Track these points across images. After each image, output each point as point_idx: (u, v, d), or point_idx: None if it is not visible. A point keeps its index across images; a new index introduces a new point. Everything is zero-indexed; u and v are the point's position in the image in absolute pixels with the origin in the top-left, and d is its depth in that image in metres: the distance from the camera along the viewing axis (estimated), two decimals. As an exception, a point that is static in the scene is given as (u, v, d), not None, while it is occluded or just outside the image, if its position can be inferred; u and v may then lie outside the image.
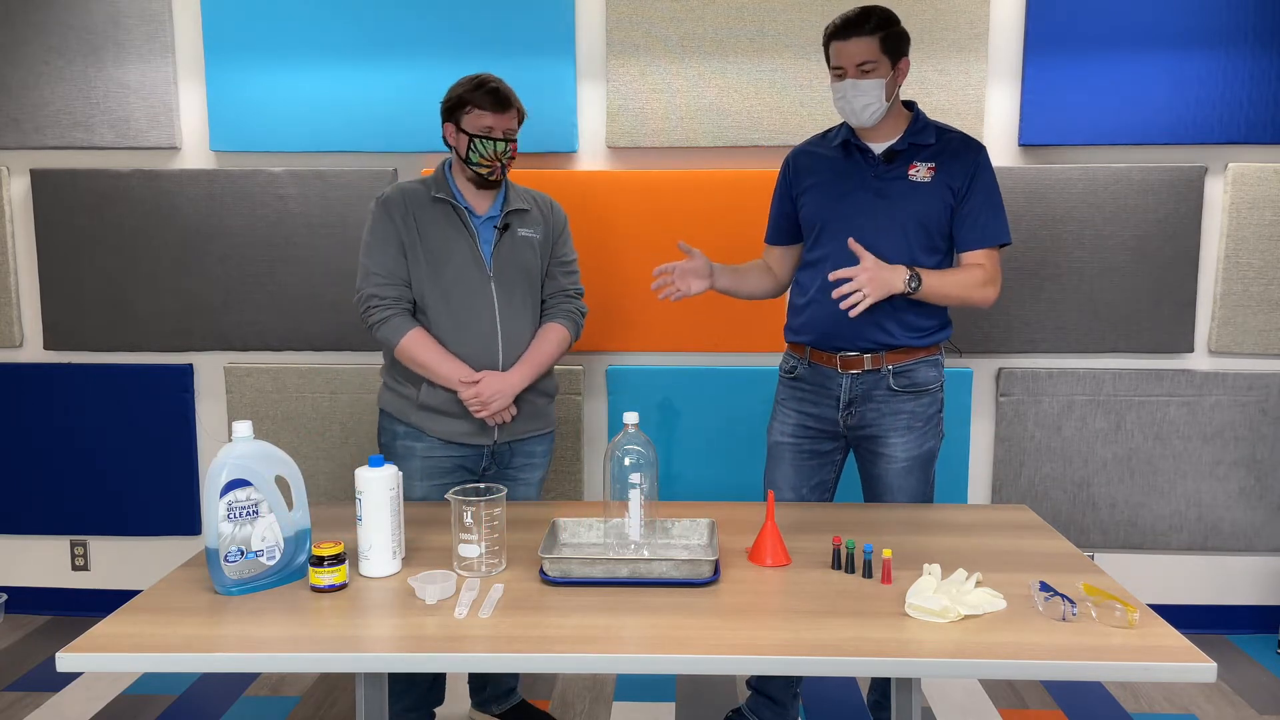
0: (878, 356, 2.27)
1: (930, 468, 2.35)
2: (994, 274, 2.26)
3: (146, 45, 3.10)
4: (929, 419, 2.33)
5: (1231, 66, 2.96)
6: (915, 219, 2.23)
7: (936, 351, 2.34)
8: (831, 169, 2.31)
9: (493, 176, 2.31)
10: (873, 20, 2.17)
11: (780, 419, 2.43)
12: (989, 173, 2.25)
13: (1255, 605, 3.22)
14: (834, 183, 2.31)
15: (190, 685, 2.86)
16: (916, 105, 2.32)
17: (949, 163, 2.23)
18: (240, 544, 1.69)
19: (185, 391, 3.25)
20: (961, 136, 2.28)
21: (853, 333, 2.26)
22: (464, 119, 2.28)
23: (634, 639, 1.53)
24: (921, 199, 2.22)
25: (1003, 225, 2.27)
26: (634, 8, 3.00)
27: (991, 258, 2.26)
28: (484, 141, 2.27)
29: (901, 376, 2.29)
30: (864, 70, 2.17)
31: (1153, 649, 1.48)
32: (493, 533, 1.76)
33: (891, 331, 2.26)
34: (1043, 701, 2.76)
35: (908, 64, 2.24)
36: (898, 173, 2.24)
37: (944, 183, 2.22)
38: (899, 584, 1.69)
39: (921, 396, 2.31)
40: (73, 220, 3.16)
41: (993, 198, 2.25)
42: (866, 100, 2.18)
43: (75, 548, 3.37)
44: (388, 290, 2.29)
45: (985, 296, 2.25)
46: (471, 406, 2.28)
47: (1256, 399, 3.09)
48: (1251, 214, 3.03)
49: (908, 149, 2.25)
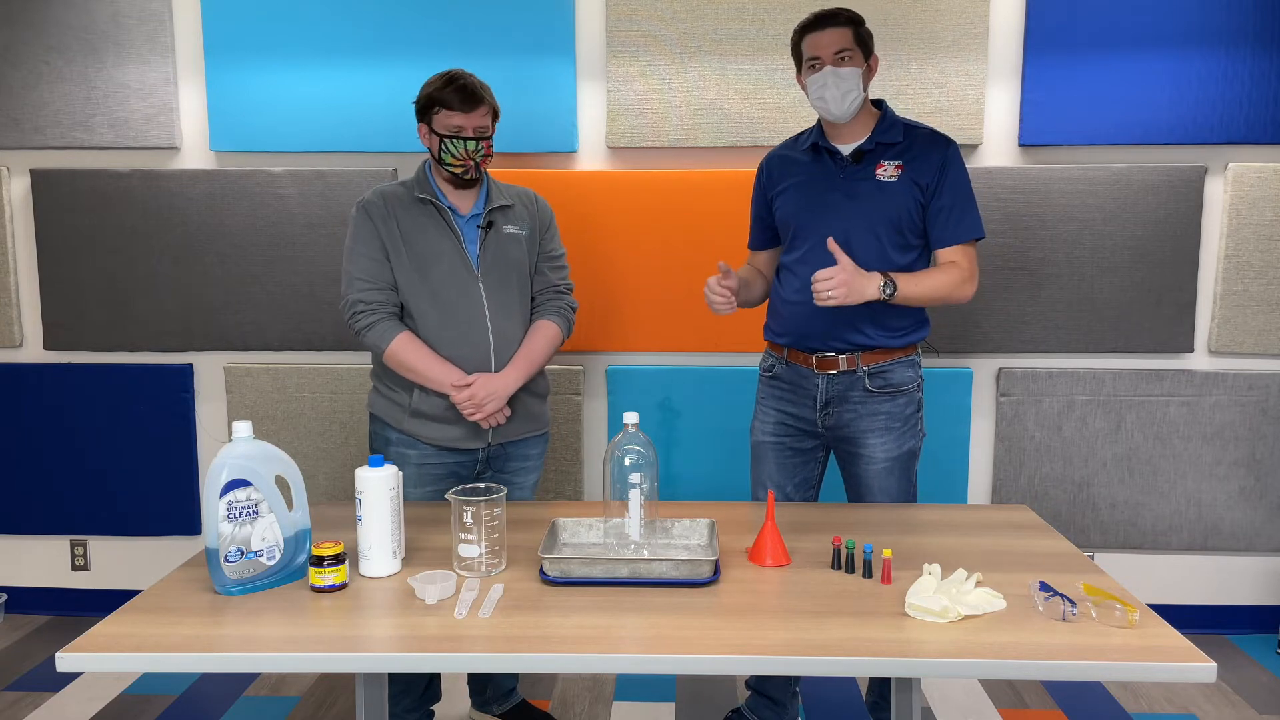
0: (853, 357, 2.28)
1: (911, 468, 2.35)
2: (970, 270, 2.24)
3: (146, 45, 3.10)
4: (907, 419, 2.32)
5: (1231, 66, 2.96)
6: (885, 219, 2.23)
7: (913, 351, 2.33)
8: (803, 171, 2.33)
9: (467, 176, 2.27)
10: (844, 15, 2.22)
11: (761, 418, 2.44)
12: (958, 168, 2.24)
13: (1255, 605, 3.22)
14: (806, 185, 2.32)
15: (190, 685, 2.86)
16: (885, 104, 2.32)
17: (916, 160, 2.23)
18: (240, 544, 1.69)
19: (185, 391, 3.25)
20: (929, 133, 2.27)
21: (828, 334, 2.28)
22: (434, 119, 2.24)
23: (634, 639, 1.53)
24: (889, 198, 2.22)
25: (974, 220, 2.26)
26: (634, 8, 3.00)
27: (967, 253, 2.25)
28: (455, 141, 2.22)
29: (877, 378, 2.28)
30: (840, 58, 2.19)
31: (1153, 649, 1.48)
32: (493, 533, 1.76)
33: (867, 332, 2.26)
34: (1043, 701, 2.76)
35: (876, 62, 2.27)
36: (865, 173, 2.25)
37: (911, 180, 2.22)
38: (899, 584, 1.69)
39: (898, 397, 2.30)
40: (73, 220, 3.16)
41: (962, 193, 2.24)
42: (848, 87, 2.19)
43: (75, 548, 3.37)
44: (373, 295, 2.26)
45: (963, 294, 2.25)
46: (465, 410, 2.25)
47: (1256, 399, 3.09)
48: (1251, 214, 3.03)
49: (875, 149, 2.25)
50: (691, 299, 3.10)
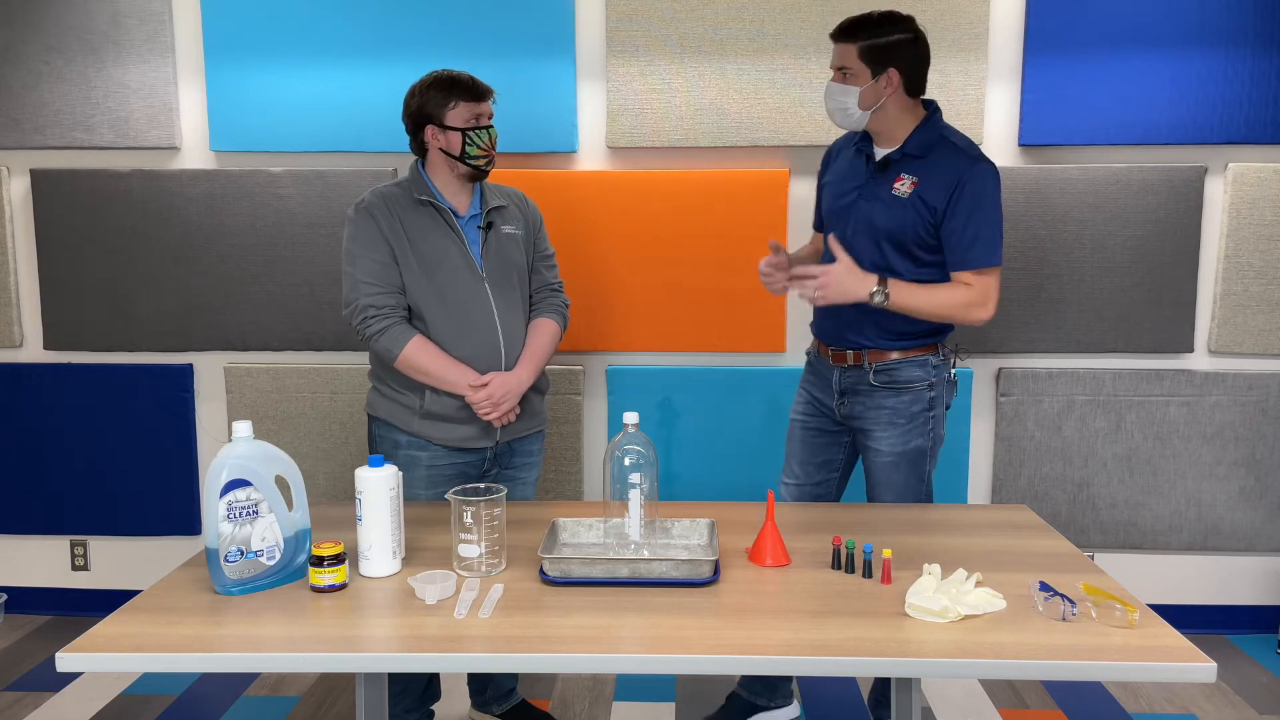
0: (859, 354, 2.34)
1: (920, 467, 2.36)
2: (982, 295, 2.20)
3: (146, 45, 3.09)
4: (913, 416, 2.32)
5: (1231, 66, 2.95)
6: (887, 232, 2.24)
7: (923, 354, 2.32)
8: (844, 167, 2.38)
9: (489, 166, 2.30)
10: (860, 29, 2.20)
11: (797, 398, 2.55)
12: (973, 194, 2.18)
13: (1255, 605, 3.22)
14: (839, 182, 2.38)
15: (190, 685, 2.86)
16: (935, 111, 2.28)
17: (931, 180, 2.20)
18: (240, 544, 1.69)
19: (185, 391, 3.25)
20: (955, 152, 2.22)
21: (835, 331, 2.37)
22: (448, 116, 2.25)
23: (634, 639, 1.53)
24: (896, 213, 2.22)
25: (987, 249, 2.19)
26: (634, 8, 3.00)
27: (979, 279, 2.21)
28: (478, 132, 2.26)
29: (883, 374, 2.32)
30: (841, 74, 2.23)
31: (1153, 649, 1.48)
32: (493, 533, 1.76)
33: (867, 334, 2.31)
34: (1043, 701, 2.76)
35: (896, 76, 2.19)
36: (885, 183, 2.26)
37: (920, 198, 2.20)
38: (899, 584, 1.69)
39: (903, 394, 2.32)
40: (73, 220, 3.16)
41: (976, 218, 2.18)
42: (835, 104, 2.26)
43: (75, 548, 3.37)
44: (383, 299, 2.25)
45: (972, 317, 2.22)
46: (481, 409, 2.26)
47: (1256, 399, 3.09)
48: (1251, 214, 3.03)
49: (900, 159, 2.25)
50: (692, 299, 3.10)
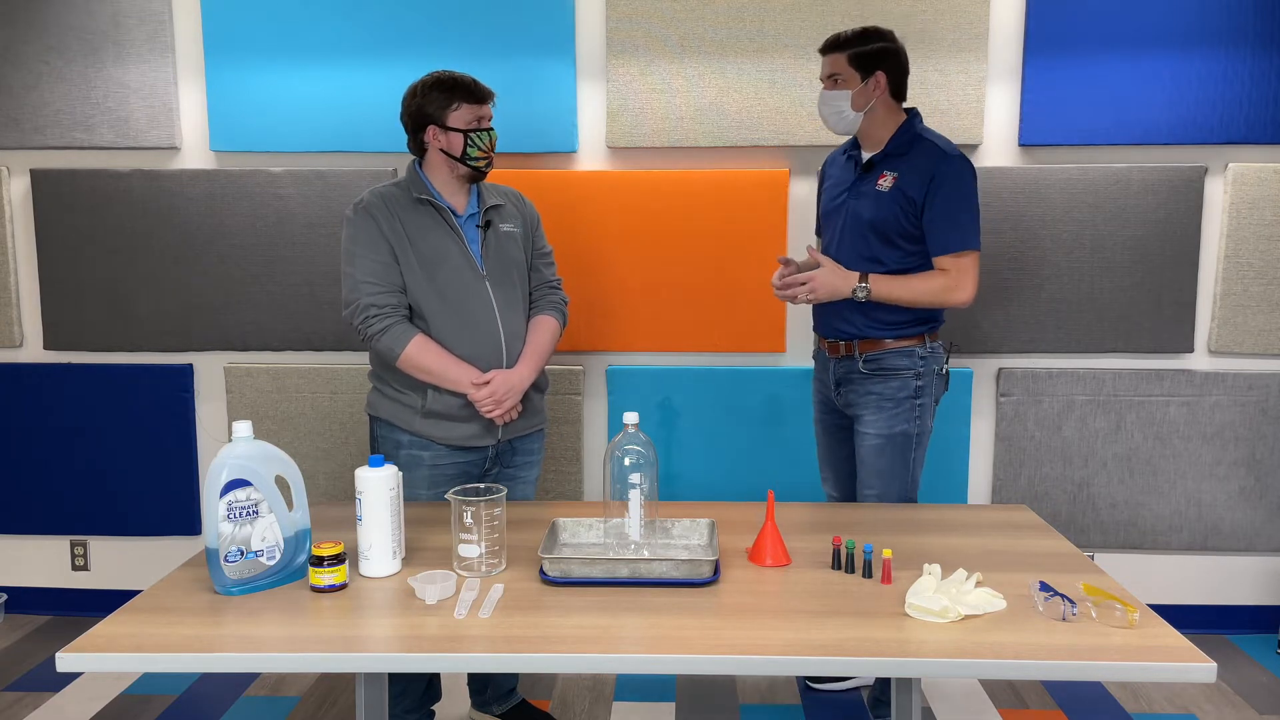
0: (850, 344, 2.46)
1: (907, 453, 2.44)
2: (959, 279, 2.37)
3: (146, 45, 3.10)
4: (899, 401, 2.43)
5: (1231, 66, 2.96)
6: (872, 226, 2.40)
7: (911, 343, 2.44)
8: (838, 172, 2.55)
9: (488, 167, 2.32)
10: (847, 41, 2.39)
11: (814, 400, 2.70)
12: (950, 183, 2.34)
13: (1255, 605, 3.22)
14: (833, 186, 2.55)
15: (190, 685, 2.86)
16: (915, 116, 2.45)
17: (909, 173, 2.37)
18: (240, 544, 1.69)
19: (185, 391, 3.25)
20: (931, 148, 2.38)
21: (828, 324, 2.52)
22: (449, 117, 2.26)
23: (634, 639, 1.53)
24: (879, 207, 2.39)
25: (964, 234, 2.36)
26: (634, 8, 3.00)
27: (956, 263, 2.37)
28: (478, 134, 2.27)
29: (871, 362, 2.45)
30: (833, 81, 2.41)
31: (1153, 649, 1.48)
32: (493, 533, 1.76)
33: (854, 323, 2.44)
34: (1043, 701, 2.76)
35: (884, 78, 2.38)
36: (871, 181, 2.43)
37: (900, 190, 2.37)
38: (899, 584, 1.70)
39: (890, 380, 2.43)
40: (73, 220, 3.16)
41: (952, 206, 2.35)
42: (830, 109, 2.43)
43: (75, 548, 3.37)
44: (385, 298, 2.25)
45: (953, 299, 2.38)
46: (484, 407, 2.26)
47: (1256, 399, 3.09)
48: (1251, 214, 3.03)
49: (884, 159, 2.42)
50: (692, 299, 3.10)
